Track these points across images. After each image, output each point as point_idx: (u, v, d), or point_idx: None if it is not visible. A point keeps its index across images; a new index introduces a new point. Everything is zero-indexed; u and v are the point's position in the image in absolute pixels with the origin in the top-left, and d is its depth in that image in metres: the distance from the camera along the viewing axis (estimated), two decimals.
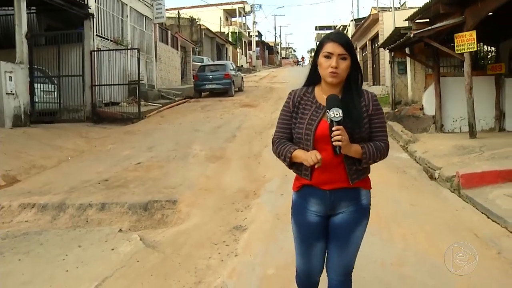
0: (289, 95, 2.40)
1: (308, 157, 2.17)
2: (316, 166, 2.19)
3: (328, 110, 2.15)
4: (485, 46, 14.15)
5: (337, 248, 2.35)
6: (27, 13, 12.46)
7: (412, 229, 4.75)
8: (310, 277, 2.46)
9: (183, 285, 3.68)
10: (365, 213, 2.37)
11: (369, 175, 2.38)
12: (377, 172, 7.13)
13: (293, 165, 2.35)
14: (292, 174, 2.47)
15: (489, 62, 13.50)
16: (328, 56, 2.23)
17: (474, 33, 9.13)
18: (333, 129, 2.12)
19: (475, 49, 9.70)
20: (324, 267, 2.44)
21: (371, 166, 2.35)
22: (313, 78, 2.37)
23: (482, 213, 5.32)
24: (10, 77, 11.01)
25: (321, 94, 2.33)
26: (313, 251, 2.38)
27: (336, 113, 2.11)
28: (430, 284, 3.50)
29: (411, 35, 10.00)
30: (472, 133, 9.53)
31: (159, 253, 4.40)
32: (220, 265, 4.06)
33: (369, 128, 2.29)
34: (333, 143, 2.12)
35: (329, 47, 2.23)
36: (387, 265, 3.89)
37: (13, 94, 11.10)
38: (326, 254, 2.41)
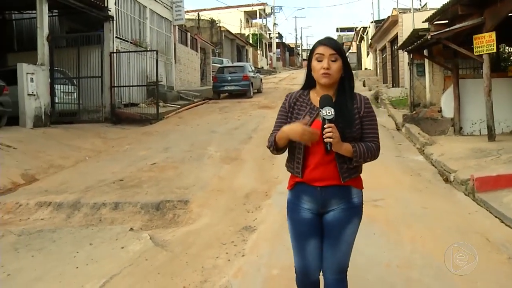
0: (285, 97, 2.53)
1: (303, 134, 2.22)
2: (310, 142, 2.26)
3: (320, 109, 2.25)
4: (507, 48, 13.92)
5: (330, 246, 2.42)
6: (49, 16, 12.75)
7: (422, 231, 4.71)
8: (307, 275, 2.48)
9: (188, 283, 3.73)
10: (357, 212, 2.44)
11: (380, 178, 2.43)
12: (390, 174, 7.17)
13: (280, 150, 2.42)
14: None
15: (511, 64, 13.27)
16: (320, 59, 2.34)
17: (493, 34, 8.99)
18: (324, 126, 2.21)
19: (495, 50, 9.53)
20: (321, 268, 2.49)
21: (385, 169, 2.44)
22: (309, 82, 2.48)
23: (496, 217, 5.24)
24: (32, 78, 11.26)
25: (315, 96, 2.43)
26: (308, 247, 2.43)
27: (328, 112, 2.21)
28: (436, 287, 3.47)
29: (429, 37, 9.89)
30: (491, 136, 9.37)
31: (167, 252, 4.46)
32: (226, 265, 4.09)
33: (360, 129, 2.37)
34: (324, 139, 2.21)
35: (320, 50, 2.35)
36: (393, 267, 3.87)
37: (34, 95, 11.35)
38: (323, 252, 2.45)
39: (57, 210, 6.02)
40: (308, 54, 2.52)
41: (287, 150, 2.46)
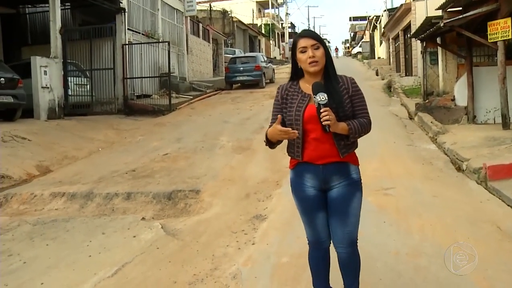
0: (277, 90, 2.74)
1: (279, 135, 2.47)
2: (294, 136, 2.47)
3: (314, 96, 2.46)
4: None
5: (339, 221, 2.61)
6: (62, 9, 12.88)
7: (432, 220, 4.69)
8: (320, 243, 2.74)
9: (199, 271, 3.79)
10: (357, 186, 2.65)
11: (391, 167, 2.52)
12: (401, 163, 7.16)
13: (273, 144, 2.64)
14: None
15: None
16: (304, 51, 2.57)
17: (509, 20, 8.84)
18: (321, 110, 2.42)
19: (510, 37, 9.36)
20: (332, 242, 2.71)
21: (396, 158, 2.58)
22: (296, 73, 2.71)
23: (508, 205, 5.19)
24: (45, 71, 11.40)
25: (305, 85, 2.64)
26: (316, 220, 2.67)
27: (322, 97, 2.43)
28: (443, 275, 3.47)
29: (442, 24, 9.77)
30: (505, 124, 9.25)
31: (178, 241, 4.52)
32: (236, 253, 4.14)
33: (351, 108, 2.60)
34: (323, 122, 2.41)
35: (302, 42, 2.58)
36: (402, 255, 3.87)
37: (48, 87, 11.49)
38: (331, 228, 2.66)
39: (70, 200, 6.12)
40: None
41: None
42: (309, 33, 2.64)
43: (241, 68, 21.01)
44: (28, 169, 7.62)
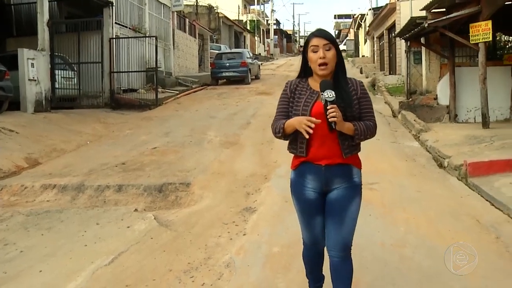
0: (286, 84, 2.70)
1: (301, 122, 2.43)
2: (312, 127, 2.41)
3: (322, 92, 2.45)
4: (503, 36, 14.04)
5: (335, 224, 2.57)
6: (49, 1, 12.75)
7: (415, 214, 4.91)
8: (316, 244, 2.74)
9: (193, 260, 3.93)
10: (358, 191, 2.62)
11: (376, 163, 2.58)
12: (386, 159, 7.37)
13: (287, 137, 2.60)
14: None
15: (507, 52, 13.40)
16: (315, 50, 2.54)
17: (489, 23, 9.12)
18: (328, 107, 2.40)
19: (490, 39, 9.67)
20: (325, 246, 2.66)
21: (381, 154, 2.62)
22: (305, 71, 2.68)
23: (487, 200, 5.44)
24: (32, 64, 11.35)
25: (314, 83, 2.63)
26: (314, 221, 2.65)
27: (329, 94, 2.41)
28: (426, 264, 3.68)
29: (426, 25, 10.02)
30: (485, 123, 9.55)
31: (171, 231, 4.65)
32: (229, 243, 4.29)
33: (359, 109, 2.59)
34: (329, 119, 2.39)
35: (314, 41, 2.55)
36: (387, 246, 4.07)
37: (35, 80, 11.45)
38: (326, 230, 2.62)
39: (62, 192, 6.19)
40: (303, 47, 2.69)
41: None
42: (322, 33, 2.60)
43: (227, 64, 21.11)
44: (17, 162, 7.63)
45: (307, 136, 2.43)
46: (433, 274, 3.54)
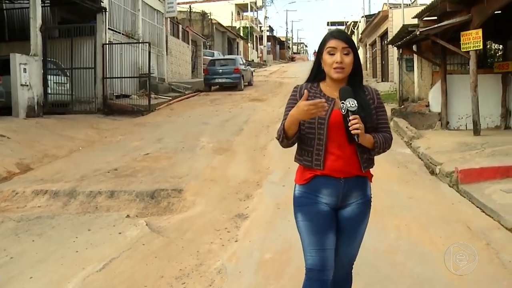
0: (294, 89, 2.44)
1: (304, 109, 2.14)
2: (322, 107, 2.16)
3: (343, 101, 2.22)
4: (494, 44, 14.18)
5: (346, 241, 2.39)
6: (42, 6, 12.75)
7: (407, 220, 4.94)
8: (324, 272, 2.33)
9: (185, 266, 3.92)
10: (369, 207, 2.44)
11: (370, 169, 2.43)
12: (378, 166, 7.34)
13: (289, 139, 2.32)
14: (294, 166, 2.49)
15: (497, 60, 13.54)
16: (332, 53, 2.30)
17: (480, 31, 9.22)
18: (350, 118, 2.18)
19: (481, 47, 9.78)
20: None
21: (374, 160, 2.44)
22: (318, 75, 2.42)
23: (477, 207, 5.48)
24: (25, 69, 11.31)
25: (327, 88, 2.38)
26: (327, 240, 2.33)
27: (351, 103, 2.19)
28: (417, 271, 3.71)
29: (418, 33, 10.12)
30: (476, 130, 9.64)
31: (164, 238, 4.64)
32: (221, 250, 4.29)
33: (376, 120, 2.38)
34: (352, 131, 2.17)
35: (332, 43, 2.30)
36: (379, 252, 4.09)
37: (27, 85, 11.40)
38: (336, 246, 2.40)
39: (53, 198, 6.16)
40: (318, 47, 2.45)
41: (300, 142, 2.38)
42: (342, 35, 2.34)
43: (220, 70, 21.14)
44: (8, 167, 7.58)
45: (323, 114, 2.19)
46: (424, 280, 3.57)
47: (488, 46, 13.96)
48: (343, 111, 2.22)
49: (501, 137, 9.13)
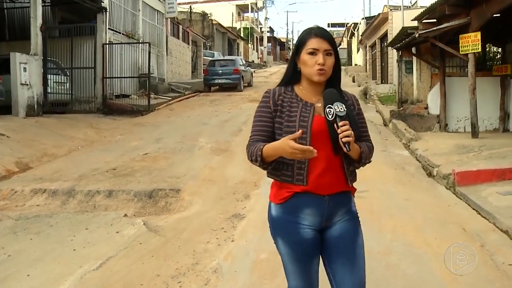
0: (266, 94, 2.15)
1: (289, 152, 1.88)
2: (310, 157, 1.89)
3: (330, 105, 1.94)
4: (493, 47, 14.23)
5: (346, 265, 2.06)
6: (42, 6, 12.79)
7: (403, 221, 4.97)
8: None
9: (181, 265, 3.95)
10: (358, 221, 2.16)
11: (365, 171, 2.25)
12: (375, 168, 7.41)
13: (269, 165, 2.06)
14: None
15: (496, 63, 13.59)
16: (313, 53, 2.04)
17: (478, 34, 9.26)
18: (340, 124, 1.90)
19: (479, 50, 9.82)
20: None
21: (372, 166, 2.25)
22: (292, 77, 2.17)
23: (473, 209, 5.51)
24: (25, 68, 11.36)
25: (303, 93, 2.12)
26: (312, 268, 2.11)
27: (340, 108, 1.92)
28: (411, 272, 3.73)
29: (417, 35, 10.15)
30: (474, 133, 9.67)
31: (160, 237, 4.68)
32: (217, 249, 4.32)
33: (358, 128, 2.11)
34: (342, 139, 1.88)
35: (314, 42, 2.05)
36: (373, 253, 4.10)
37: (27, 84, 11.45)
38: (335, 276, 2.08)
39: (52, 197, 6.19)
40: (295, 46, 2.16)
41: None
42: (325, 34, 2.07)
43: (220, 71, 21.18)
44: (7, 166, 7.62)
45: (313, 156, 1.87)
46: (418, 281, 3.59)
47: (487, 49, 14.02)
48: (330, 116, 1.93)
49: (499, 140, 9.16)
